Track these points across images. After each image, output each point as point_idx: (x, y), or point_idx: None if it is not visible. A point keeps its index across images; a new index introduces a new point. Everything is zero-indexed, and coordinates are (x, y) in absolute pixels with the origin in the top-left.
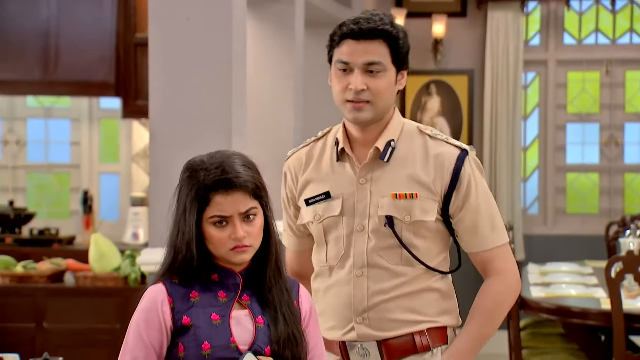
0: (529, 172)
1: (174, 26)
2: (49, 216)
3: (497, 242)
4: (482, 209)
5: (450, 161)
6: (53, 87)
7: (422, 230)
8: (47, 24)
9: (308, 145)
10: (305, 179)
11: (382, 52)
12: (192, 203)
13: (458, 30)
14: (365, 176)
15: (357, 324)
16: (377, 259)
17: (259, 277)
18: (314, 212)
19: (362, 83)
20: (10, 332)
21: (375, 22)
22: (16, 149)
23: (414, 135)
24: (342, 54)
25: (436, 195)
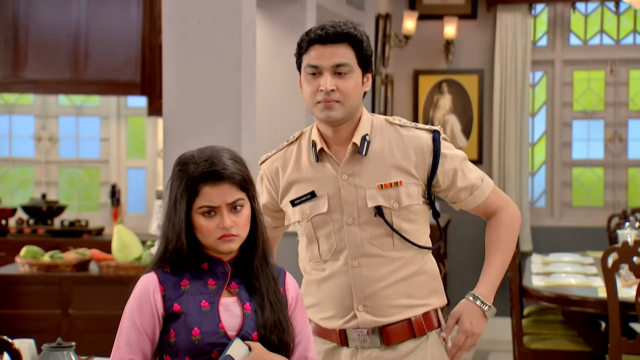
0: (536, 167)
1: (187, 28)
2: (80, 209)
3: (485, 192)
4: (467, 171)
5: (428, 144)
6: (82, 86)
7: (410, 214)
8: (77, 26)
9: (282, 150)
10: (287, 181)
11: (348, 54)
12: (182, 194)
13: (468, 32)
14: (347, 172)
15: (358, 311)
16: (372, 248)
17: (247, 266)
18: (301, 212)
19: (332, 84)
20: (38, 318)
21: (340, 27)
22: (49, 145)
23: (384, 127)
24: (311, 59)
25: (418, 179)
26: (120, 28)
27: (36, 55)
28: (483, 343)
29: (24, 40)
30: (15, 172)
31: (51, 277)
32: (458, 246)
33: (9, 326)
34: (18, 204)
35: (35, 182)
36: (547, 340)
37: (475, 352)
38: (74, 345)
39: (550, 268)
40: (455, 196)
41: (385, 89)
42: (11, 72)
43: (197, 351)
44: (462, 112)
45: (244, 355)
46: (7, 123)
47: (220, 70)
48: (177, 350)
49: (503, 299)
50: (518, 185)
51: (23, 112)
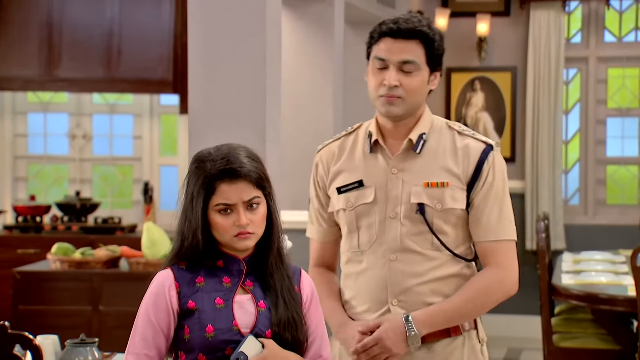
0: (570, 165)
1: (212, 27)
2: (113, 206)
3: (500, 235)
4: (492, 201)
5: (476, 154)
6: (115, 84)
7: (452, 217)
8: (111, 25)
9: (339, 139)
10: (336, 169)
11: (418, 52)
12: (199, 192)
13: (501, 29)
14: (398, 166)
15: (392, 305)
16: (410, 244)
17: (262, 264)
18: (346, 200)
19: (396, 80)
20: (69, 314)
21: (413, 23)
22: (83, 143)
23: (443, 130)
24: (379, 51)
25: (464, 185)
26: (152, 27)
27: (70, 54)
28: (515, 341)
29: (57, 39)
30: (50, 169)
31: (82, 274)
32: None
33: (40, 322)
34: (52, 201)
35: (70, 179)
36: (577, 338)
37: (507, 350)
38: (97, 342)
39: (581, 266)
40: (477, 218)
41: None
42: (45, 71)
43: (211, 348)
44: (495, 110)
45: (257, 352)
46: (42, 121)
47: (245, 68)
48: (191, 347)
49: (534, 297)
50: (551, 182)
51: (58, 110)
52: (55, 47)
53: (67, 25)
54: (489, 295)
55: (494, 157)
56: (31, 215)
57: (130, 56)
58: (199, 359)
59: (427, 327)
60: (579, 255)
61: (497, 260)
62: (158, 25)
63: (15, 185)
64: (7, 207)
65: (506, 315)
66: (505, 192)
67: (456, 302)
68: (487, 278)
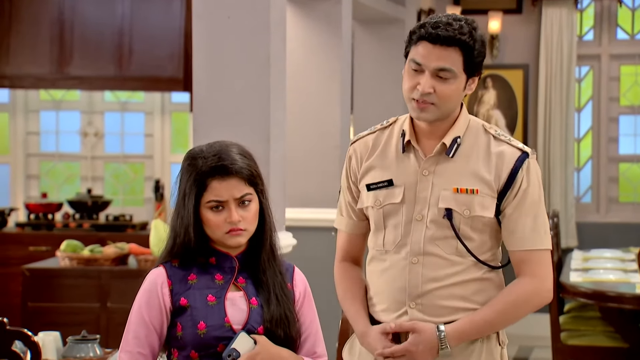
0: (582, 162)
1: (216, 24)
2: (125, 203)
3: (535, 244)
4: (526, 210)
5: (510, 161)
6: (126, 82)
7: (479, 224)
8: (121, 23)
9: (374, 133)
10: (369, 165)
11: (455, 59)
12: (191, 189)
13: (513, 26)
14: (429, 168)
15: (410, 308)
16: (433, 248)
17: (254, 260)
18: (375, 197)
19: (430, 86)
20: (78, 311)
21: (453, 31)
22: (95, 141)
23: (479, 133)
24: (416, 54)
25: (495, 192)
26: (163, 25)
27: (81, 52)
28: (527, 339)
29: (69, 37)
30: (62, 167)
31: (90, 271)
32: None
33: (49, 319)
34: (64, 199)
35: (82, 177)
36: (585, 336)
37: (518, 348)
38: (98, 338)
39: (590, 264)
40: (511, 228)
41: None
42: (57, 69)
43: (203, 345)
44: (507, 108)
45: (249, 348)
46: (55, 119)
47: (249, 66)
48: (184, 344)
49: None
50: (563, 180)
51: (69, 108)
52: (66, 45)
53: (78, 23)
54: (522, 307)
55: (528, 165)
56: (43, 213)
57: (141, 54)
58: (191, 355)
59: (459, 341)
60: (588, 252)
61: (531, 269)
62: (169, 23)
63: (27, 183)
64: (20, 204)
65: None
66: (541, 200)
67: (488, 315)
68: (520, 289)
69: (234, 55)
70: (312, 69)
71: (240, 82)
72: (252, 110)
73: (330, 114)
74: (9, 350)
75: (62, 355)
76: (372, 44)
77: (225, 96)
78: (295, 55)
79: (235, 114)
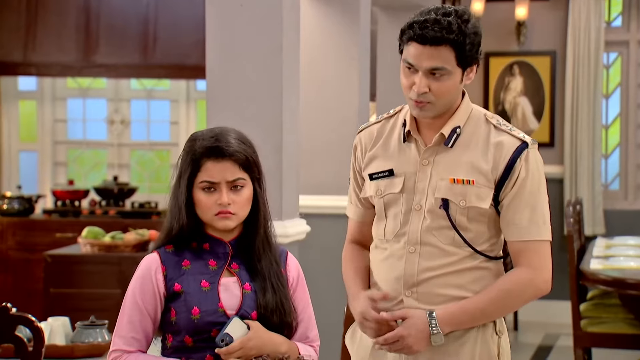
0: (610, 149)
1: (229, 11)
2: (150, 190)
3: (534, 235)
4: (524, 200)
5: (509, 151)
6: (151, 70)
7: (476, 215)
8: (147, 11)
9: (380, 122)
10: (372, 154)
11: (447, 57)
12: (186, 168)
13: (541, 13)
14: (428, 158)
15: (405, 297)
16: (430, 238)
17: (249, 247)
18: (376, 187)
19: (425, 86)
20: (98, 297)
21: (441, 30)
22: (121, 128)
23: (480, 123)
24: (408, 55)
25: (492, 183)
26: (188, 12)
27: (107, 40)
28: (553, 327)
29: (95, 25)
30: (89, 154)
31: (111, 257)
32: None
33: (70, 305)
34: (91, 186)
35: (108, 164)
36: (605, 323)
37: (544, 336)
38: (106, 323)
39: (612, 251)
40: (508, 218)
41: None
42: (83, 57)
43: (197, 330)
44: (534, 95)
45: (243, 333)
46: (82, 107)
47: (261, 53)
48: (178, 329)
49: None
50: (591, 167)
51: (96, 95)
52: (92, 33)
53: (104, 11)
54: (517, 297)
55: (527, 155)
56: (70, 200)
57: (166, 42)
58: (185, 340)
59: (451, 326)
60: (612, 240)
61: (528, 260)
62: (193, 11)
63: (55, 170)
64: (47, 191)
65: (543, 301)
66: (541, 191)
67: (480, 302)
68: (515, 278)
69: (246, 42)
70: (329, 57)
71: (253, 70)
72: (265, 97)
73: (349, 102)
74: (13, 335)
75: (70, 340)
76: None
77: (238, 84)
78: (311, 42)
79: (248, 101)
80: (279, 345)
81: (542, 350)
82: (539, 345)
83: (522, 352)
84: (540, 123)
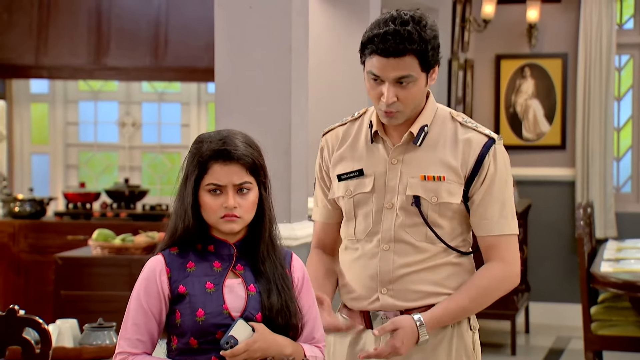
0: (622, 152)
1: (238, 13)
2: (161, 193)
3: (504, 230)
4: (494, 196)
5: (477, 147)
6: (162, 73)
7: (447, 211)
8: (158, 14)
9: (345, 125)
10: (339, 155)
11: (411, 64)
12: (193, 171)
13: (552, 15)
14: (397, 157)
15: (381, 294)
16: (404, 235)
17: (254, 250)
18: (345, 187)
19: (393, 96)
20: (109, 299)
21: (403, 41)
22: (132, 131)
23: (446, 121)
24: (372, 67)
25: (462, 179)
26: (199, 15)
27: (118, 43)
28: (564, 329)
29: (106, 28)
30: (101, 157)
31: (121, 260)
32: (538, 231)
33: (81, 307)
34: (102, 189)
35: (120, 167)
36: (616, 326)
37: (556, 339)
38: (114, 326)
39: (622, 254)
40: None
41: (464, 74)
42: (94, 60)
43: (202, 332)
44: (545, 97)
45: (247, 336)
46: (93, 109)
47: (270, 55)
48: (183, 331)
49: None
50: (602, 170)
51: (107, 98)
52: (103, 35)
53: (115, 14)
54: (494, 292)
55: (495, 151)
56: (81, 202)
57: (177, 45)
58: (190, 342)
59: (436, 328)
60: (623, 243)
61: (500, 254)
62: (204, 14)
63: (66, 173)
64: (59, 194)
65: (554, 304)
66: (508, 186)
67: (461, 301)
68: (490, 274)
69: (255, 44)
70: (338, 58)
71: (262, 72)
72: (274, 99)
73: (358, 103)
74: (20, 338)
75: (79, 342)
76: None
77: (247, 85)
78: (321, 44)
79: (257, 103)
80: (284, 347)
81: (553, 353)
82: (550, 348)
83: (534, 355)
84: (551, 126)
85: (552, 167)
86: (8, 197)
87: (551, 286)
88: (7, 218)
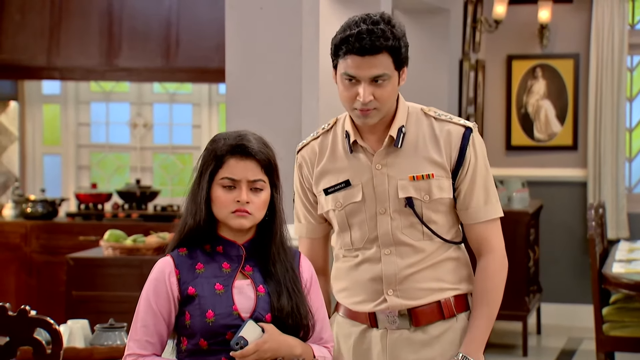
0: (634, 153)
1: (249, 15)
2: (173, 194)
3: (489, 215)
4: (478, 183)
5: (457, 139)
6: (174, 74)
7: (440, 206)
8: (169, 15)
9: (319, 138)
10: (321, 170)
11: (386, 63)
12: (209, 165)
13: (564, 16)
14: (381, 162)
15: (388, 295)
16: (402, 237)
17: (263, 252)
18: (334, 200)
19: (369, 94)
20: (120, 300)
21: (378, 38)
22: (144, 132)
23: (420, 118)
24: (347, 67)
25: (448, 172)
26: (210, 16)
27: (129, 44)
28: (576, 331)
29: (117, 29)
30: (112, 158)
31: (132, 260)
32: (550, 231)
33: (93, 307)
34: (114, 189)
35: (131, 167)
36: (627, 327)
37: (567, 340)
38: (125, 326)
39: (634, 255)
40: (466, 203)
41: (475, 75)
42: (106, 61)
43: (212, 333)
44: (557, 97)
45: (257, 336)
46: (105, 110)
47: (281, 56)
48: (193, 332)
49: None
50: (614, 171)
51: (119, 99)
52: (115, 37)
53: (126, 15)
54: (500, 284)
55: (474, 140)
56: (93, 203)
57: (188, 46)
58: (200, 344)
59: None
60: (635, 243)
61: (490, 245)
62: (215, 15)
63: (78, 174)
64: (70, 194)
65: (566, 305)
66: (488, 171)
67: (484, 313)
68: (491, 272)
69: (266, 46)
70: None
71: (273, 73)
72: (285, 100)
73: None
74: (32, 338)
75: (89, 342)
76: (415, 34)
77: (258, 86)
78: None
79: (268, 104)
80: (293, 348)
81: (565, 354)
82: (562, 349)
83: (545, 356)
84: (563, 126)
85: (564, 167)
86: (20, 198)
87: (563, 287)
88: (19, 219)
